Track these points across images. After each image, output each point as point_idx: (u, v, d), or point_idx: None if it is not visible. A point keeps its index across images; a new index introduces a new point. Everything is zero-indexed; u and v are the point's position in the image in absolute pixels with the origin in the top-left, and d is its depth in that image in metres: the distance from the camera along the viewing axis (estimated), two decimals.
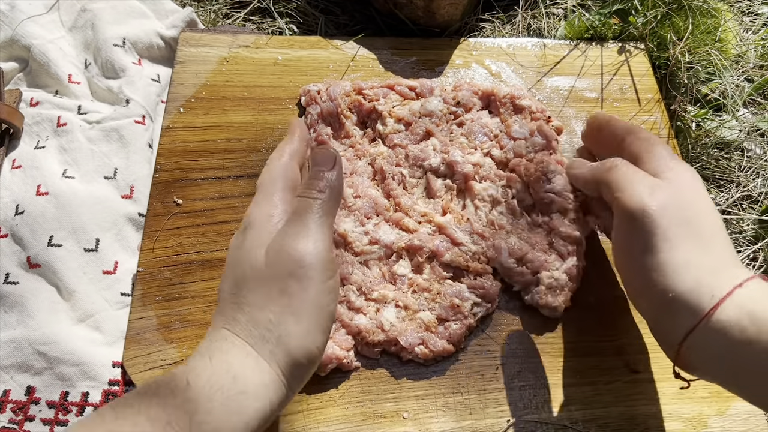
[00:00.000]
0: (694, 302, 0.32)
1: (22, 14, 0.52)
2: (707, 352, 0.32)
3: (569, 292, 0.42)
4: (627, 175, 0.36)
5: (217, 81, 0.51)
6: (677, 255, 0.33)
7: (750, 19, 0.63)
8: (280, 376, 0.30)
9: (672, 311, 0.33)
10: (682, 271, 0.32)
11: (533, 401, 0.41)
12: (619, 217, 0.36)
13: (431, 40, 0.55)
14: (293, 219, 0.33)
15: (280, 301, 0.31)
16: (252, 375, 0.29)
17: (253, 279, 0.32)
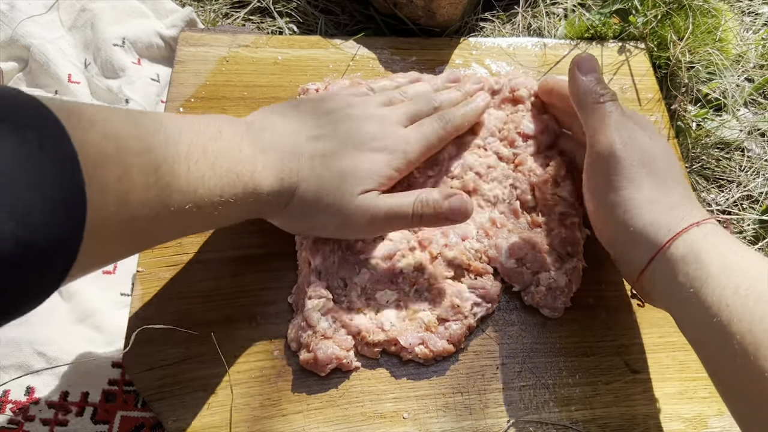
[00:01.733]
0: (652, 236, 0.35)
1: (21, 14, 0.52)
2: (658, 284, 0.35)
3: (569, 292, 0.42)
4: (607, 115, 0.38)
5: (217, 81, 0.50)
6: (640, 192, 0.36)
7: (750, 19, 0.63)
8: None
9: (633, 244, 0.36)
10: (643, 207, 0.36)
11: (533, 401, 0.41)
12: (590, 155, 0.39)
13: (431, 40, 0.55)
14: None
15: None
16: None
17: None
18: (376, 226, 0.39)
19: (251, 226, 0.45)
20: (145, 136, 0.28)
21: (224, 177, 0.32)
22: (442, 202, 0.38)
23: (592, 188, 0.39)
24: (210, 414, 0.38)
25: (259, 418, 0.39)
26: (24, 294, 0.22)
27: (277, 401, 0.39)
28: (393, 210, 0.38)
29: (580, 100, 0.40)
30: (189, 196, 0.30)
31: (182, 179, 0.30)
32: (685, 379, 0.42)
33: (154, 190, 0.28)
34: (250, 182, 0.34)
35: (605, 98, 0.39)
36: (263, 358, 0.41)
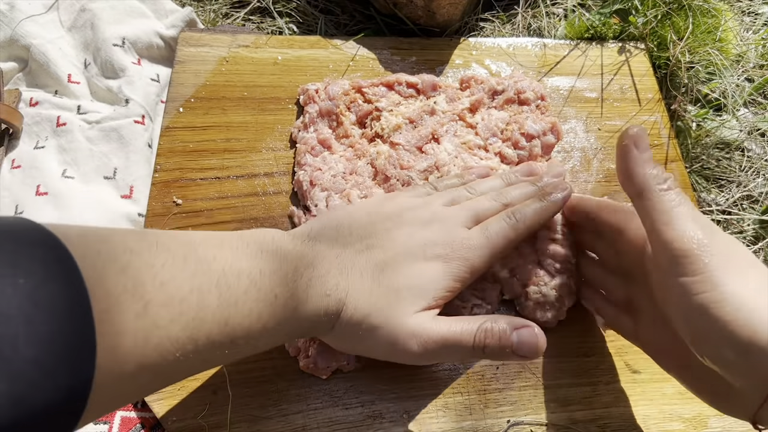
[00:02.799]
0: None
1: (21, 14, 0.52)
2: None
3: (560, 307, 0.42)
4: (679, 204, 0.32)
5: (217, 81, 0.50)
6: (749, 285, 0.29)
7: (750, 19, 0.63)
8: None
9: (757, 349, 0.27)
10: (759, 298, 0.28)
11: (533, 401, 0.41)
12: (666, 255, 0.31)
13: (431, 40, 0.55)
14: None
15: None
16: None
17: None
18: (431, 354, 0.33)
19: (250, 225, 0.45)
20: (169, 263, 0.26)
21: (261, 301, 0.29)
22: (510, 335, 0.33)
23: (676, 294, 0.31)
24: (210, 414, 0.38)
25: (259, 418, 0.39)
26: None
27: (277, 401, 0.39)
28: (451, 338, 0.33)
29: (641, 187, 0.33)
30: (219, 328, 0.27)
31: (212, 309, 0.27)
32: None
33: (178, 325, 0.25)
34: (290, 303, 0.30)
35: (669, 183, 0.33)
36: (263, 358, 0.41)
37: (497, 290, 0.42)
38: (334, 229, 0.35)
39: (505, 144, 0.47)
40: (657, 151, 0.52)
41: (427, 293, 0.34)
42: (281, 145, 0.49)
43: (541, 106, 0.49)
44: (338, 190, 0.44)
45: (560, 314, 0.42)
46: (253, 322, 0.29)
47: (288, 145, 0.49)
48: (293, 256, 0.32)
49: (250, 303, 0.28)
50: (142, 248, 0.25)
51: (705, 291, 0.29)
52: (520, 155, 0.47)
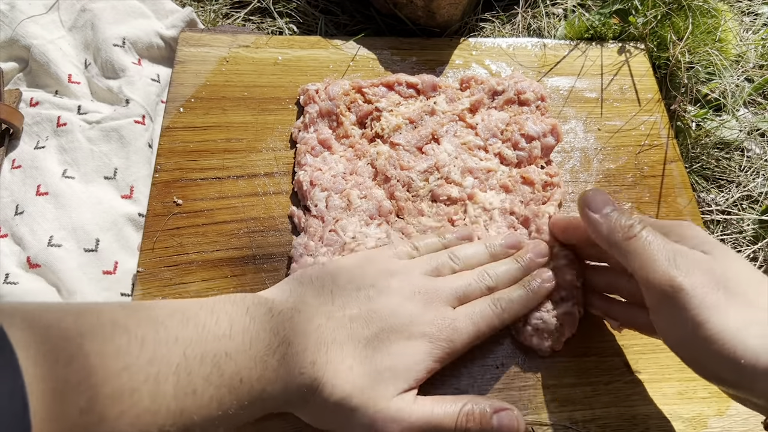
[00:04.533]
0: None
1: (21, 14, 0.52)
2: None
3: (560, 336, 0.41)
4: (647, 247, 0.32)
5: (217, 81, 0.51)
6: (730, 318, 0.30)
7: (750, 19, 0.63)
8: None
9: (750, 378, 0.29)
10: (742, 330, 0.29)
11: (533, 401, 0.41)
12: (649, 296, 0.33)
13: (431, 40, 0.55)
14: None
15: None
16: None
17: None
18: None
19: (251, 225, 0.45)
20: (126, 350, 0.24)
21: (224, 387, 0.27)
22: (491, 418, 0.33)
23: (670, 332, 0.32)
24: None
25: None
26: None
27: None
28: (435, 420, 0.33)
29: (609, 242, 0.34)
30: (174, 419, 0.25)
31: (167, 400, 0.25)
32: (685, 379, 0.42)
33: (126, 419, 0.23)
34: (257, 386, 0.29)
35: (636, 229, 0.33)
36: None
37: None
38: (316, 295, 0.34)
39: (504, 145, 0.47)
40: (657, 151, 0.52)
41: (409, 375, 0.33)
42: (281, 145, 0.49)
43: (542, 107, 0.49)
44: (338, 190, 0.44)
45: (557, 344, 0.41)
46: (213, 410, 0.27)
47: (288, 145, 0.49)
48: (267, 331, 0.30)
49: (211, 390, 0.27)
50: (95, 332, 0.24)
51: (690, 328, 0.30)
52: (520, 156, 0.47)
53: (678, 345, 0.32)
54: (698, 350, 0.30)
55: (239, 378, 0.28)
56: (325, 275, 0.36)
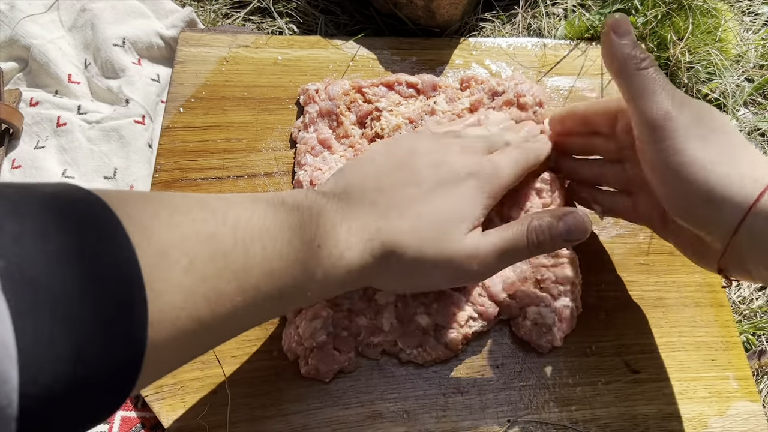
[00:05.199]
0: (737, 189, 0.31)
1: (21, 14, 0.52)
2: (759, 241, 0.32)
3: (558, 331, 0.41)
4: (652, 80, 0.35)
5: (217, 81, 0.51)
6: (709, 150, 0.33)
7: (750, 19, 0.63)
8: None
9: (716, 204, 0.32)
10: (717, 162, 0.32)
11: (533, 401, 0.41)
12: (640, 125, 0.35)
13: (431, 40, 0.55)
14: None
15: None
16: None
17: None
18: (492, 268, 0.35)
19: None
20: (210, 219, 0.26)
21: (304, 251, 0.29)
22: (558, 225, 0.34)
23: (651, 160, 0.35)
24: (210, 414, 0.38)
25: (259, 418, 0.39)
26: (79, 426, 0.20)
27: (277, 401, 0.39)
28: (507, 246, 0.34)
29: (620, 67, 0.36)
30: (266, 279, 0.27)
31: (257, 261, 0.27)
32: (685, 379, 0.42)
33: (225, 277, 0.25)
34: (335, 252, 0.31)
35: (646, 63, 0.35)
36: (263, 358, 0.41)
37: (495, 310, 0.42)
38: (358, 177, 0.36)
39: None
40: None
41: (469, 215, 0.35)
42: (281, 145, 0.49)
43: (539, 113, 0.48)
44: None
45: (555, 340, 0.41)
46: (299, 272, 0.29)
47: (288, 145, 0.49)
48: (329, 209, 0.32)
49: (294, 253, 0.28)
50: (184, 205, 0.26)
51: (671, 155, 0.33)
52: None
53: (657, 172, 0.35)
54: (675, 178, 0.33)
55: (317, 244, 0.30)
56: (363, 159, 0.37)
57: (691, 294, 0.46)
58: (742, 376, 0.43)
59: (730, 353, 0.44)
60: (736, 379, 0.43)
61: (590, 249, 0.46)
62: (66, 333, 0.18)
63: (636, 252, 0.47)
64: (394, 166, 0.36)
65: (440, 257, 0.33)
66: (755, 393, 0.43)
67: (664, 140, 0.34)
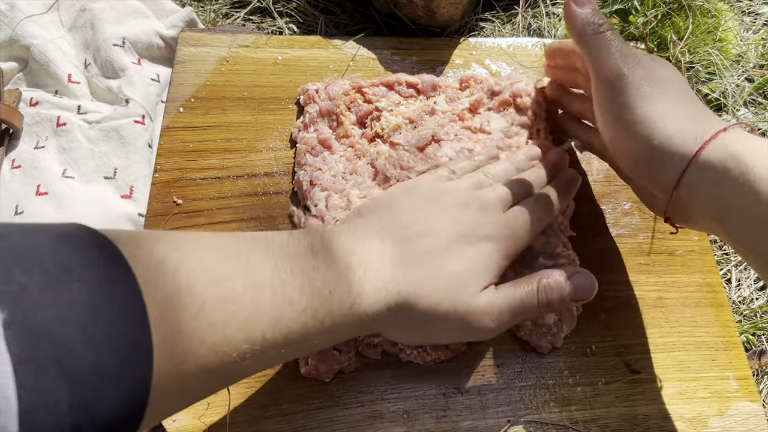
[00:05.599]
0: (679, 147, 0.34)
1: (21, 14, 0.52)
2: (698, 195, 0.34)
3: (558, 332, 0.41)
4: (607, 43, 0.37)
5: (217, 81, 0.50)
6: (656, 107, 0.35)
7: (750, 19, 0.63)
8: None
9: (659, 160, 0.34)
10: (663, 119, 0.34)
11: (533, 401, 0.41)
12: (596, 83, 0.38)
13: (431, 40, 0.55)
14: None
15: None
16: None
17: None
18: (503, 323, 0.35)
19: (251, 225, 0.45)
20: (222, 261, 0.26)
21: (316, 297, 0.29)
22: (566, 285, 0.35)
23: (604, 116, 0.38)
24: (210, 414, 0.38)
25: (259, 418, 0.39)
26: None
27: (277, 401, 0.39)
28: (519, 303, 0.35)
29: (579, 33, 0.38)
30: (273, 327, 0.27)
31: (266, 308, 0.26)
32: (685, 379, 0.42)
33: (233, 325, 0.25)
34: (347, 299, 0.30)
35: (604, 27, 0.37)
36: None
37: None
38: (378, 222, 0.35)
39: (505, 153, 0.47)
40: None
41: (485, 272, 0.35)
42: (281, 145, 0.49)
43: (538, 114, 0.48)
44: (338, 190, 0.44)
45: (556, 340, 0.41)
46: (308, 319, 0.28)
47: (288, 145, 0.49)
48: (345, 252, 0.32)
49: (305, 300, 0.28)
50: (193, 246, 0.25)
51: (623, 113, 0.36)
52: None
53: (609, 128, 0.37)
54: (625, 135, 0.36)
55: (328, 290, 0.29)
56: (380, 204, 0.37)
57: (691, 294, 0.46)
58: (742, 376, 0.43)
59: (730, 353, 0.44)
60: (737, 379, 0.43)
61: (590, 249, 0.46)
62: (69, 385, 0.18)
63: (636, 252, 0.47)
64: (414, 216, 0.36)
65: (455, 312, 0.33)
66: (755, 393, 0.43)
67: (616, 98, 0.36)
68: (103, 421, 0.19)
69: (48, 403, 0.17)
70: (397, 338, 0.37)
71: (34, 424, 0.17)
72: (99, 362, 0.19)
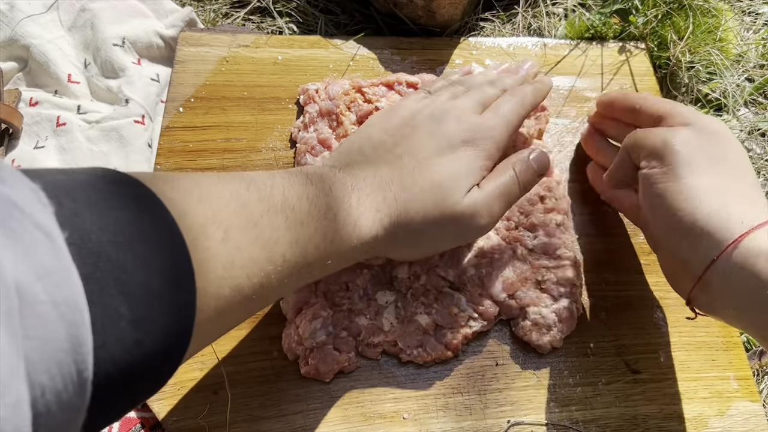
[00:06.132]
0: (721, 226, 0.31)
1: (21, 14, 0.52)
2: (730, 283, 0.31)
3: (558, 332, 0.41)
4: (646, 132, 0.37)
5: (217, 81, 0.50)
6: (703, 180, 0.33)
7: (751, 19, 0.63)
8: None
9: (695, 236, 0.32)
10: (709, 194, 0.32)
11: (533, 401, 0.41)
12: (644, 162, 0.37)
13: (431, 40, 0.55)
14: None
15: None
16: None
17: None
18: (494, 215, 0.36)
19: None
20: (237, 192, 0.28)
21: (323, 219, 0.31)
22: (530, 162, 0.38)
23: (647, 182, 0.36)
24: (210, 414, 0.38)
25: (258, 418, 0.39)
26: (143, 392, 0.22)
27: (277, 401, 0.39)
28: (504, 191, 0.36)
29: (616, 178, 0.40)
30: (292, 248, 0.29)
31: (282, 230, 0.28)
32: (685, 379, 0.42)
33: (257, 246, 0.27)
34: (349, 220, 0.32)
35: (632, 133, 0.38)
36: (263, 359, 0.41)
37: (495, 310, 0.42)
38: (358, 152, 0.37)
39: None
40: None
41: (468, 176, 0.36)
42: (281, 145, 0.49)
43: (541, 117, 0.48)
44: None
45: (556, 341, 0.41)
46: (320, 240, 0.30)
47: (288, 145, 0.49)
48: (338, 181, 0.33)
49: (314, 223, 0.30)
50: (209, 182, 0.27)
51: (668, 181, 0.34)
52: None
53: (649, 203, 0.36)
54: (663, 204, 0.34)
55: (333, 213, 0.31)
56: (360, 136, 0.38)
57: None
58: (742, 376, 0.43)
59: (730, 353, 0.44)
60: (737, 379, 0.43)
61: (591, 249, 0.46)
62: (127, 302, 0.19)
63: (636, 252, 0.47)
64: (391, 139, 0.37)
65: (445, 219, 0.35)
66: (756, 393, 0.43)
67: (661, 168, 0.35)
68: (158, 338, 0.20)
69: (113, 317, 0.18)
70: (401, 256, 0.38)
71: (103, 335, 0.18)
72: (151, 283, 0.20)
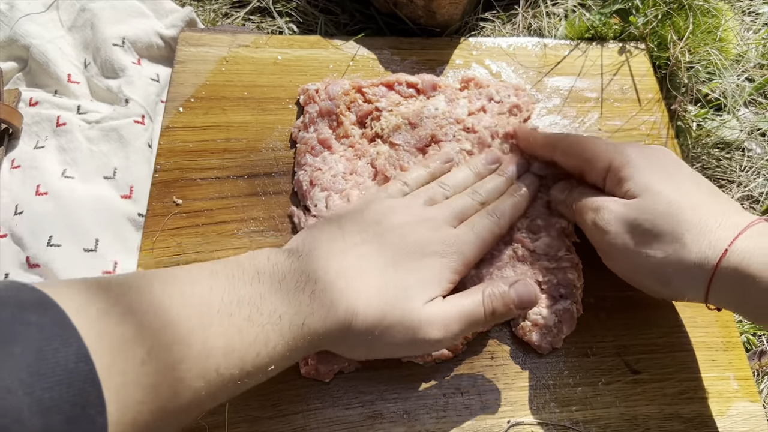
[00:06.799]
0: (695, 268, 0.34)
1: (21, 14, 0.52)
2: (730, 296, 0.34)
3: (558, 333, 0.41)
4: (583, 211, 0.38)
5: (217, 81, 0.50)
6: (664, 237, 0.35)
7: (751, 19, 0.63)
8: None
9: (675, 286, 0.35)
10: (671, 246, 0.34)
11: (533, 401, 0.41)
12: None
13: (431, 40, 0.55)
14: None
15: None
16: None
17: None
18: (451, 332, 0.35)
19: (250, 225, 0.45)
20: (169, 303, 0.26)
21: (265, 325, 0.29)
22: (509, 293, 0.36)
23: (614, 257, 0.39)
24: (210, 414, 0.38)
25: (258, 418, 0.39)
26: None
27: (277, 401, 0.39)
28: (466, 313, 0.35)
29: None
30: (227, 361, 0.27)
31: (216, 342, 0.26)
32: (685, 379, 0.42)
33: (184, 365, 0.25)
34: (296, 320, 0.30)
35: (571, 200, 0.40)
36: None
37: None
38: (327, 240, 0.36)
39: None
40: None
41: (434, 284, 0.35)
42: (281, 145, 0.49)
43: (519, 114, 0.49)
44: (338, 190, 0.44)
45: (556, 341, 0.41)
46: (261, 347, 0.28)
47: (288, 145, 0.49)
48: (292, 272, 0.32)
49: (255, 329, 0.28)
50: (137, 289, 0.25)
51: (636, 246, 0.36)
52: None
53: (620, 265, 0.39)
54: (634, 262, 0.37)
55: (278, 315, 0.29)
56: (331, 222, 0.37)
57: None
58: (742, 376, 0.43)
59: (730, 353, 0.44)
60: (737, 379, 0.43)
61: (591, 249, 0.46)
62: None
63: None
64: (362, 235, 0.36)
65: (401, 324, 0.33)
66: (756, 393, 0.43)
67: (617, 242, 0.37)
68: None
69: None
70: (350, 354, 0.36)
71: None
72: (48, 426, 0.18)
